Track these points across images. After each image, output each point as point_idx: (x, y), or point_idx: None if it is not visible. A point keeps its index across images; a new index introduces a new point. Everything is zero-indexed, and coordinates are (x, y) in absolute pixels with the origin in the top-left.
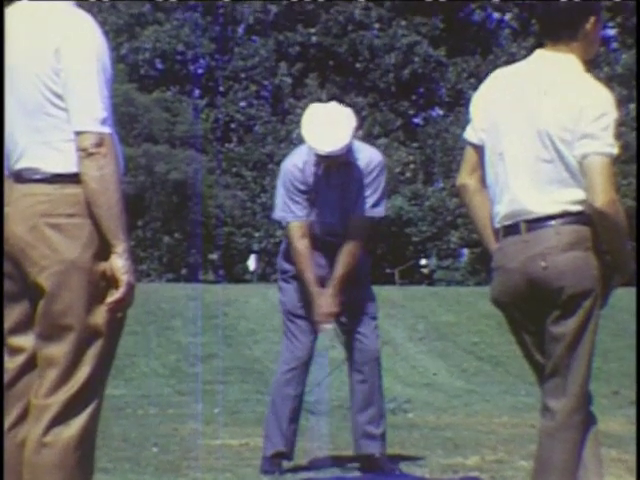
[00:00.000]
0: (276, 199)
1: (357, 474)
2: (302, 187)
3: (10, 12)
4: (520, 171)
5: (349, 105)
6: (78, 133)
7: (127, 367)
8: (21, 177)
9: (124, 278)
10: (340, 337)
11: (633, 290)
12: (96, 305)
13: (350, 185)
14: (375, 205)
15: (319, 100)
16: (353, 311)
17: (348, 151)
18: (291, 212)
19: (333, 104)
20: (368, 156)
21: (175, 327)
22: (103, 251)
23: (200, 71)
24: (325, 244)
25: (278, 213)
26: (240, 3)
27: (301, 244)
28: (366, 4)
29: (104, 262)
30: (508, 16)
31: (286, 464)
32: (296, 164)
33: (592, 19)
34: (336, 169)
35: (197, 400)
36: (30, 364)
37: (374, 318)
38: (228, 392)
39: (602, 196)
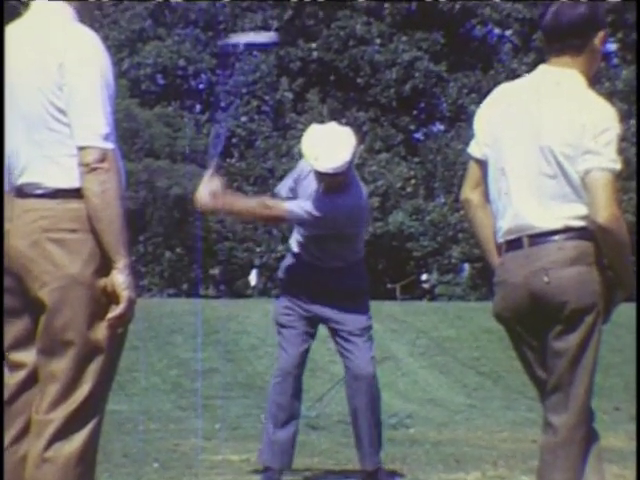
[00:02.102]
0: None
1: None
2: (295, 177)
3: (13, 27)
4: (523, 186)
5: (350, 120)
6: (81, 148)
7: (128, 382)
8: (23, 192)
9: (125, 294)
10: None
11: (634, 306)
12: (97, 321)
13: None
14: (304, 209)
15: (320, 115)
16: (344, 329)
17: (348, 170)
18: (280, 186)
19: (333, 124)
20: (360, 195)
21: (176, 342)
22: (104, 266)
23: (201, 86)
24: (310, 266)
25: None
26: (241, 19)
27: (263, 198)
28: (367, 19)
29: (106, 277)
30: (509, 32)
31: (286, 478)
32: (304, 168)
33: (601, 34)
34: (334, 191)
35: (198, 415)
36: (31, 380)
37: (361, 335)
38: (229, 407)
39: (605, 212)
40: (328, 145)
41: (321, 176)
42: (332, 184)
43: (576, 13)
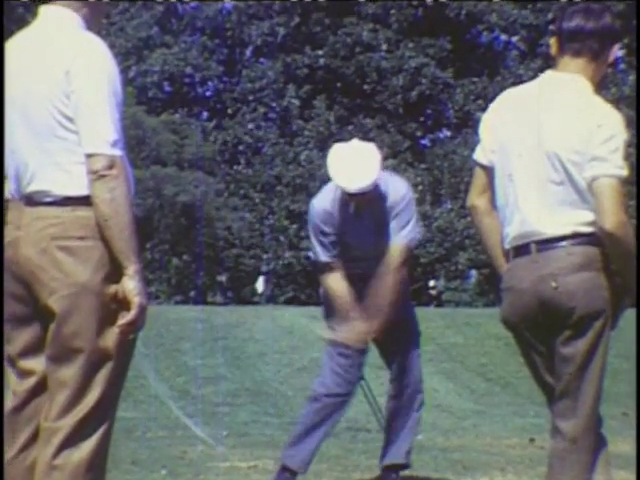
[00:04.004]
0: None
1: None
2: (328, 229)
3: (20, 35)
4: (530, 193)
5: (357, 127)
6: (89, 155)
7: (136, 389)
8: (32, 200)
9: (136, 300)
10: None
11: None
12: (106, 328)
13: (382, 219)
14: (409, 232)
15: (327, 122)
16: (398, 338)
17: (376, 186)
18: (319, 254)
19: (356, 141)
20: (395, 188)
21: (183, 349)
22: (114, 273)
23: (208, 93)
24: (355, 276)
25: (312, 255)
26: (248, 25)
27: (332, 281)
28: (373, 26)
29: (115, 284)
30: (515, 38)
31: None
32: (325, 208)
33: (616, 47)
34: (366, 205)
35: (205, 422)
36: (40, 387)
37: (418, 346)
38: (237, 414)
39: (611, 218)
40: (355, 164)
41: (350, 196)
42: (362, 201)
43: (604, 19)
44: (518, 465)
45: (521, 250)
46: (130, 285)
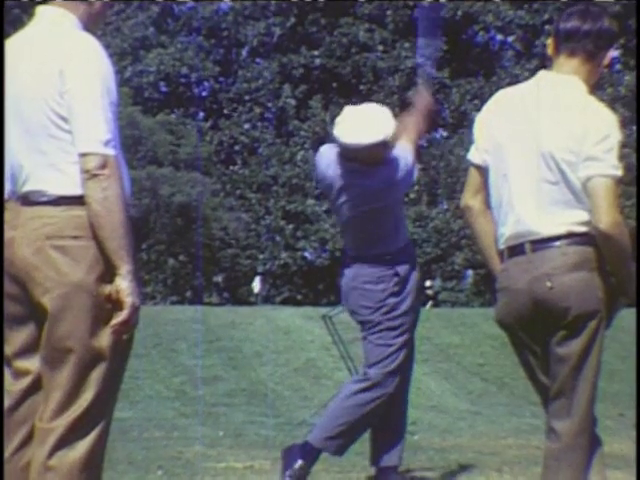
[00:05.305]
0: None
1: None
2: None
3: (17, 36)
4: (524, 192)
5: None
6: (82, 155)
7: (132, 390)
8: (27, 200)
9: (128, 300)
10: (348, 361)
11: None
12: (100, 328)
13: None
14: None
15: (323, 122)
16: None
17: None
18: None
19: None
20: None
21: (180, 350)
22: (108, 273)
23: (204, 93)
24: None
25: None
26: (244, 26)
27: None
28: (369, 26)
29: (109, 284)
30: (511, 38)
31: None
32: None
33: (611, 52)
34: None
35: (202, 423)
36: (35, 387)
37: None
38: (233, 415)
39: (606, 218)
40: (366, 121)
41: (356, 153)
42: (369, 161)
43: (601, 21)
44: (514, 465)
45: (516, 250)
46: (123, 285)
